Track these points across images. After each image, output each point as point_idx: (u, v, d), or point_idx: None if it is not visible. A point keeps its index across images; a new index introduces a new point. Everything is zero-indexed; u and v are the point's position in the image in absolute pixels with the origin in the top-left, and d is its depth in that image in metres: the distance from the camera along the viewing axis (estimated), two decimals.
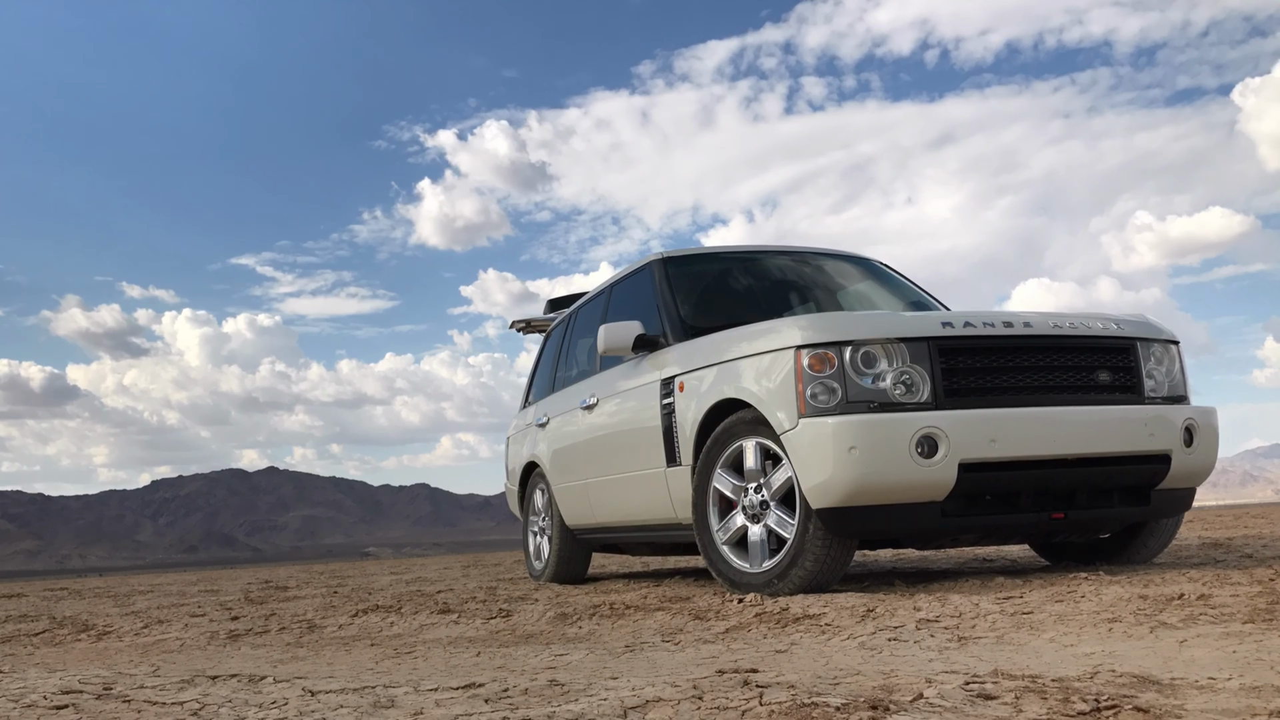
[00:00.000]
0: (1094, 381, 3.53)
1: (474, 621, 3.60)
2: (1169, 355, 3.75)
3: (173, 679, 2.24)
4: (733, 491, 3.67)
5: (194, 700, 1.92)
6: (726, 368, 3.71)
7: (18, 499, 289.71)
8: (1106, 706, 1.54)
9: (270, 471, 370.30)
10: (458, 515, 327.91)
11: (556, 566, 5.47)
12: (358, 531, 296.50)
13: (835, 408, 3.25)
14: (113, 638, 3.94)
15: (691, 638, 2.85)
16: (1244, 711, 1.51)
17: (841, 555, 3.39)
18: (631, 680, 1.98)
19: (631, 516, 4.60)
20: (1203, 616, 2.50)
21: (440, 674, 2.34)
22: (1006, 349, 3.43)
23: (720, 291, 4.78)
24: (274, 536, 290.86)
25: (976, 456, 3.22)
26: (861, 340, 3.30)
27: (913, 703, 1.60)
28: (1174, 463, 3.53)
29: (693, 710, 1.62)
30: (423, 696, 1.88)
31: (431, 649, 3.00)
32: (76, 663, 3.11)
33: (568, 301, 6.19)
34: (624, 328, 4.35)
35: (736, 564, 3.65)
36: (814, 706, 1.58)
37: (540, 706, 1.72)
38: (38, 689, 2.05)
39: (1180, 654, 2.09)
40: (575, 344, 5.56)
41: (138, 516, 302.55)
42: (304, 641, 3.46)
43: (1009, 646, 2.33)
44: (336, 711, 1.75)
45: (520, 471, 6.06)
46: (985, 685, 1.70)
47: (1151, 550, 4.01)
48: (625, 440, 4.50)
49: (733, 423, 3.66)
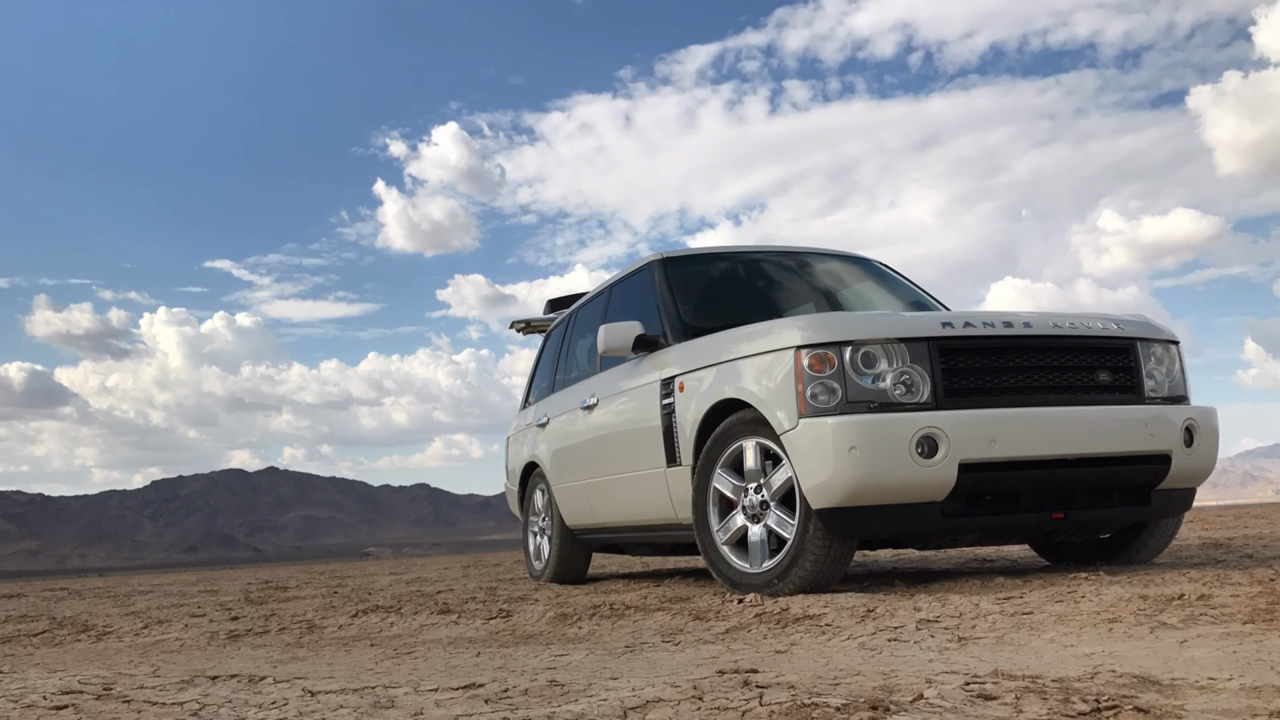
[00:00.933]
0: (1094, 381, 3.53)
1: (474, 622, 3.60)
2: (1169, 355, 3.75)
3: (173, 679, 2.24)
4: (733, 492, 3.67)
5: (194, 700, 1.92)
6: (726, 368, 3.71)
7: (17, 499, 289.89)
8: (1107, 707, 1.54)
9: (270, 472, 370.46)
10: (458, 515, 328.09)
11: (557, 567, 5.47)
12: (358, 532, 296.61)
13: (835, 408, 3.25)
14: (113, 638, 3.94)
15: (691, 638, 2.85)
16: (1244, 712, 1.51)
17: (841, 555, 3.39)
18: (631, 681, 1.98)
19: (632, 517, 4.60)
20: (1203, 617, 2.50)
21: (440, 674, 2.34)
22: (1007, 349, 3.43)
23: (720, 292, 4.78)
24: (274, 537, 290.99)
25: (976, 457, 3.22)
26: (861, 340, 3.30)
27: (913, 703, 1.60)
28: (1174, 463, 3.53)
29: (693, 711, 1.62)
30: (423, 697, 1.88)
31: (431, 649, 3.00)
32: (76, 663, 3.11)
33: (567, 302, 6.17)
34: (624, 328, 4.35)
35: (737, 564, 3.65)
36: (814, 707, 1.58)
37: (540, 707, 1.72)
38: (38, 689, 2.05)
39: (1180, 654, 2.09)
40: (575, 344, 5.55)
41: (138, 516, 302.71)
42: (304, 642, 3.46)
43: (1009, 647, 2.33)
44: (336, 712, 1.75)
45: (520, 471, 6.06)
46: (985, 685, 1.70)
47: (1152, 550, 4.01)
48: (625, 440, 4.49)
49: (733, 423, 3.66)
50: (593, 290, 5.57)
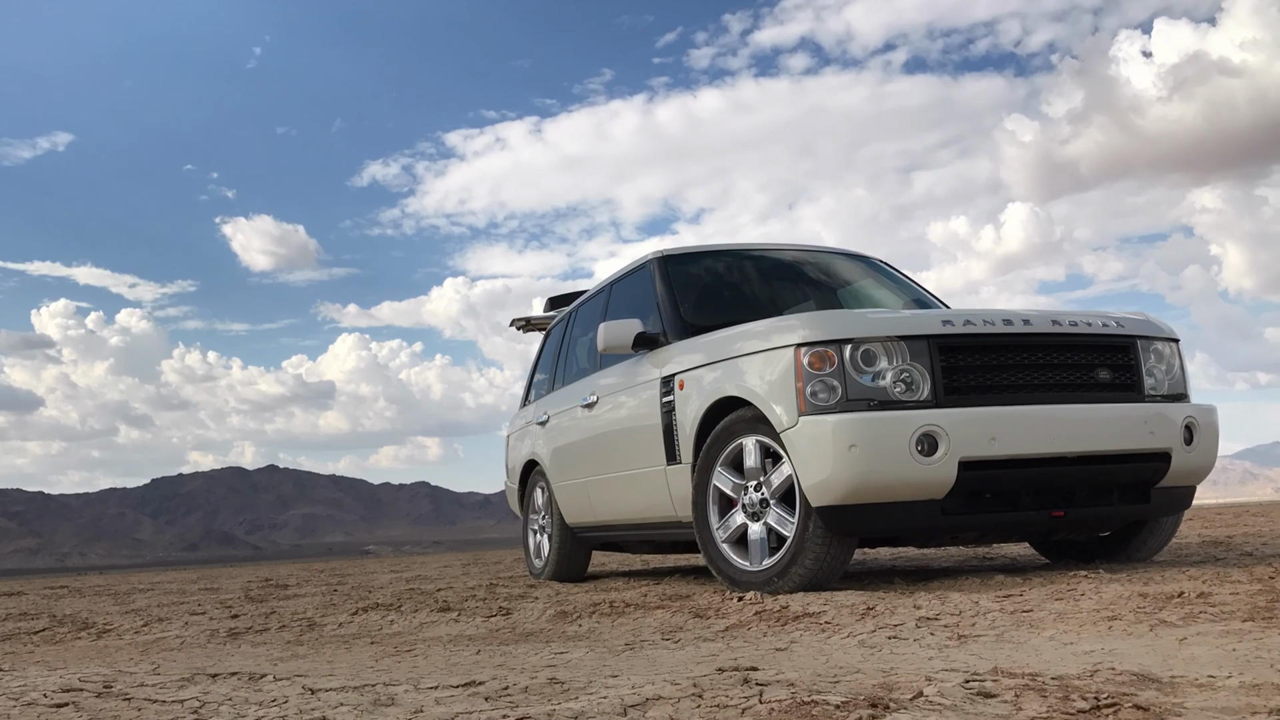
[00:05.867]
0: (1094, 379, 3.53)
1: (474, 619, 3.60)
2: (1169, 353, 3.75)
3: (173, 677, 2.25)
4: (733, 489, 3.67)
5: (194, 698, 1.93)
6: (726, 365, 3.71)
7: (17, 497, 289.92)
8: (1106, 704, 1.54)
9: (270, 470, 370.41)
10: (458, 513, 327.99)
11: (556, 564, 5.47)
12: (358, 530, 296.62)
13: (835, 406, 3.25)
14: (113, 636, 3.94)
15: (691, 636, 2.85)
16: (1243, 709, 1.51)
17: (841, 553, 3.39)
18: (631, 678, 1.99)
19: (631, 514, 4.60)
20: (1202, 614, 2.50)
21: (440, 672, 2.34)
22: (1006, 347, 3.43)
23: (720, 289, 4.78)
24: (274, 534, 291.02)
25: (976, 455, 3.22)
26: (861, 338, 3.30)
27: (912, 700, 1.60)
28: (1174, 461, 3.53)
29: (692, 708, 1.62)
30: (423, 694, 1.88)
31: (431, 647, 3.00)
32: (77, 661, 3.11)
33: (567, 300, 6.17)
34: (624, 326, 4.34)
35: (736, 562, 3.65)
36: (814, 704, 1.58)
37: (540, 704, 1.72)
38: (38, 687, 2.06)
39: (1180, 652, 2.09)
40: (575, 342, 5.55)
41: (138, 514, 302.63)
42: (304, 639, 3.46)
43: (1009, 644, 2.33)
44: (336, 709, 1.75)
45: (520, 469, 6.06)
46: (985, 683, 1.70)
47: (1151, 548, 4.01)
48: (625, 438, 4.50)
49: (733, 421, 3.66)
50: (593, 288, 5.57)
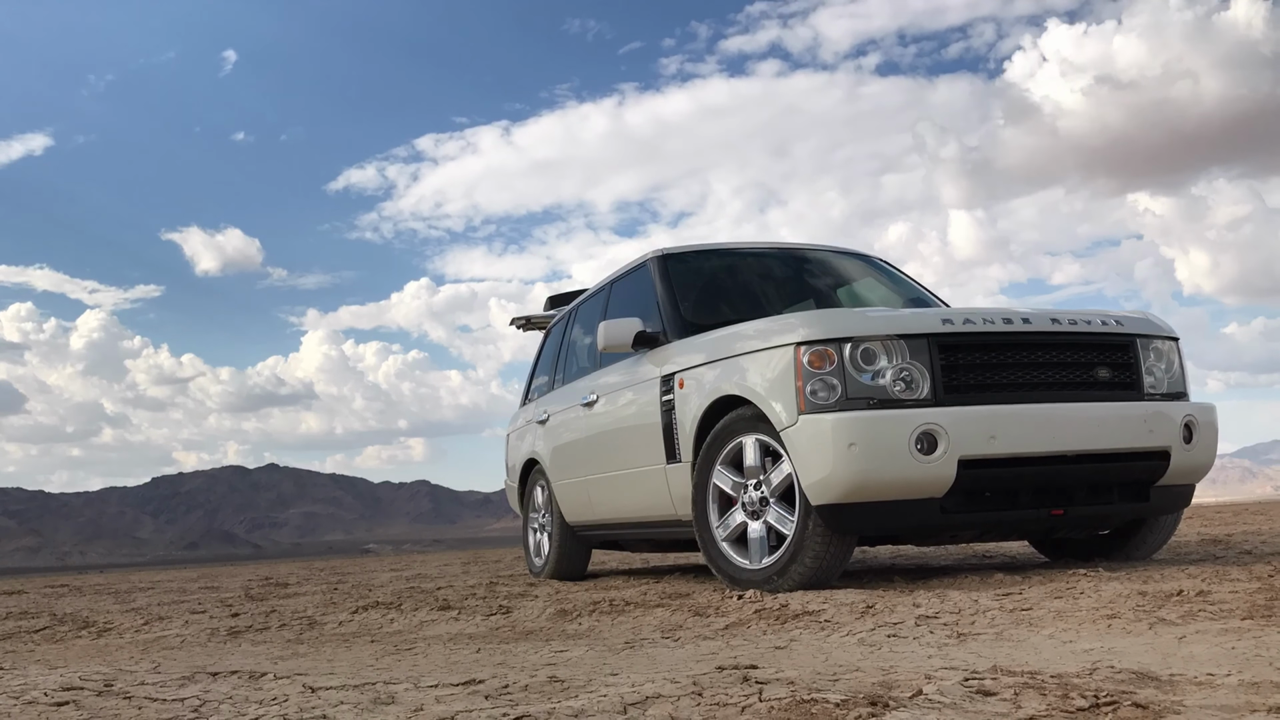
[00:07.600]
0: (1093, 378, 3.53)
1: (474, 618, 3.61)
2: (1169, 352, 3.75)
3: (173, 676, 2.25)
4: (732, 488, 3.67)
5: (195, 697, 1.93)
6: (726, 364, 3.71)
7: (18, 496, 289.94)
8: (1105, 702, 1.54)
9: (270, 468, 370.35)
10: (458, 512, 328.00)
11: (556, 563, 5.47)
12: (358, 528, 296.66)
13: (835, 404, 3.25)
14: (113, 634, 3.94)
15: (691, 634, 2.85)
16: (1242, 707, 1.51)
17: (841, 552, 3.39)
18: (631, 676, 1.99)
19: (631, 513, 4.60)
20: (1202, 613, 2.50)
21: (440, 670, 2.35)
22: (1006, 345, 3.43)
23: (719, 288, 4.78)
24: (274, 533, 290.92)
25: (976, 453, 3.22)
26: (861, 337, 3.30)
27: (912, 699, 1.60)
28: (1173, 459, 3.53)
29: (692, 706, 1.62)
30: (423, 693, 1.89)
31: (431, 645, 3.00)
32: (77, 659, 3.12)
33: (568, 299, 6.17)
34: (624, 324, 4.34)
35: (736, 560, 3.65)
36: (813, 703, 1.58)
37: (540, 703, 1.72)
38: (39, 686, 2.06)
39: (1179, 650, 2.09)
40: (575, 341, 5.55)
41: (138, 513, 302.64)
42: (304, 638, 3.47)
43: (1008, 643, 2.34)
44: (337, 708, 1.76)
45: (520, 468, 6.06)
46: (984, 681, 1.70)
47: (1151, 547, 4.01)
48: (625, 437, 4.50)
49: (733, 419, 3.66)
50: (593, 287, 5.57)
